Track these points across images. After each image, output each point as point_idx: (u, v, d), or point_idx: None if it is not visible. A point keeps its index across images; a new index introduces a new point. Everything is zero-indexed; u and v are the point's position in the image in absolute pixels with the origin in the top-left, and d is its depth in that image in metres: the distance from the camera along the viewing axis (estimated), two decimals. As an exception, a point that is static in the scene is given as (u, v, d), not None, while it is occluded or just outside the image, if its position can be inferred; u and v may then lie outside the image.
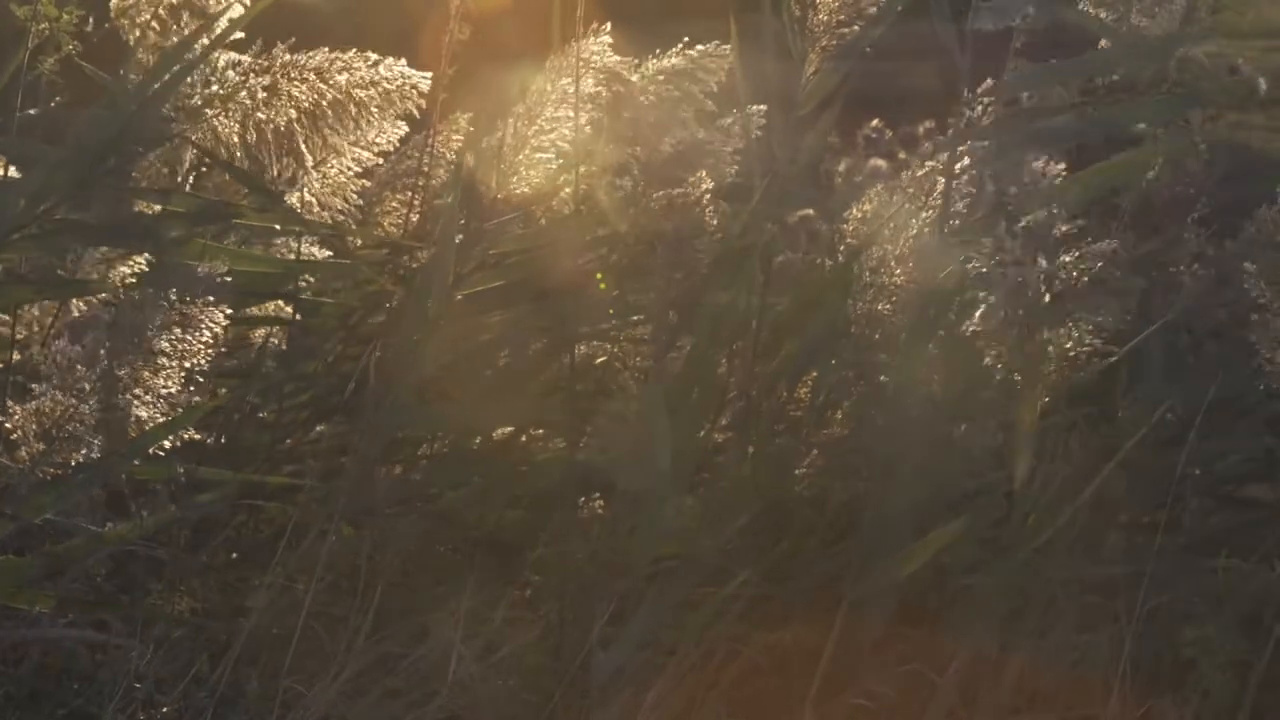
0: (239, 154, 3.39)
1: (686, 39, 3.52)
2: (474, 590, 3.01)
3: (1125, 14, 3.22)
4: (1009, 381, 3.11)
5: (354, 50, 3.41)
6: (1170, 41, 3.28)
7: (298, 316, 3.38)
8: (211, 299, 2.89)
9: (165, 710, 2.89)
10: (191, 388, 2.91)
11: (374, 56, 3.39)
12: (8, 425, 2.88)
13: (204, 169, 3.45)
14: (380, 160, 3.55)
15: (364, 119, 3.40)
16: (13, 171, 3.20)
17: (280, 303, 3.41)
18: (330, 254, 3.46)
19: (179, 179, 3.43)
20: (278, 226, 3.42)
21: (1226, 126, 3.32)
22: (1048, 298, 2.98)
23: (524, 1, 3.63)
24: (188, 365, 2.89)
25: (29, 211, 3.10)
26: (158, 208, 3.28)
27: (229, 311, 2.94)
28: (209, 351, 2.90)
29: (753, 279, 3.24)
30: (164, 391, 2.90)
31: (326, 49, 3.42)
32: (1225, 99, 3.22)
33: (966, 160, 3.23)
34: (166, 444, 2.91)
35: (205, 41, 3.29)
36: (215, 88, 3.37)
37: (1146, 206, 3.42)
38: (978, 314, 3.12)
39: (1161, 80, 3.23)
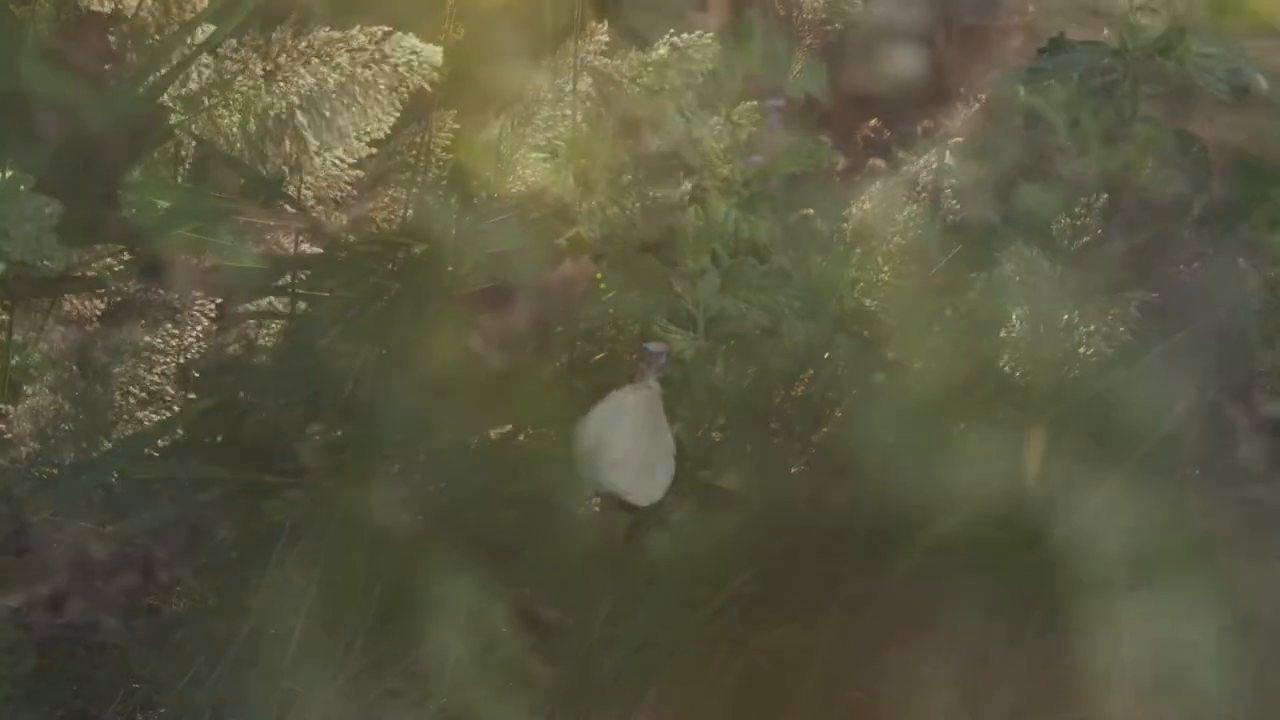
0: (239, 145, 3.36)
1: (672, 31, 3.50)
2: (473, 590, 3.01)
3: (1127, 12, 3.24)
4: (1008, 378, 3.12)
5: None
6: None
7: (302, 306, 3.36)
8: (206, 295, 2.89)
9: (164, 711, 2.88)
10: (189, 386, 2.91)
11: (380, 31, 3.33)
12: (2, 425, 2.86)
13: (201, 165, 3.43)
14: (374, 150, 3.51)
15: (371, 99, 3.34)
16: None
17: (277, 299, 3.39)
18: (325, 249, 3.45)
19: (176, 174, 3.41)
20: (272, 223, 3.41)
21: (1227, 126, 3.33)
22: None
23: (520, 1, 3.62)
24: (183, 361, 2.89)
25: (23, 209, 3.08)
26: (155, 204, 3.27)
27: (226, 309, 2.94)
28: (205, 347, 2.90)
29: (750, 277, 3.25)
30: (159, 389, 2.89)
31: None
32: (1226, 99, 3.23)
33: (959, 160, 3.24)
34: (163, 442, 2.91)
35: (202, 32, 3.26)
36: (210, 73, 3.35)
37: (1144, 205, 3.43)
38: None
39: (1161, 80, 3.24)
